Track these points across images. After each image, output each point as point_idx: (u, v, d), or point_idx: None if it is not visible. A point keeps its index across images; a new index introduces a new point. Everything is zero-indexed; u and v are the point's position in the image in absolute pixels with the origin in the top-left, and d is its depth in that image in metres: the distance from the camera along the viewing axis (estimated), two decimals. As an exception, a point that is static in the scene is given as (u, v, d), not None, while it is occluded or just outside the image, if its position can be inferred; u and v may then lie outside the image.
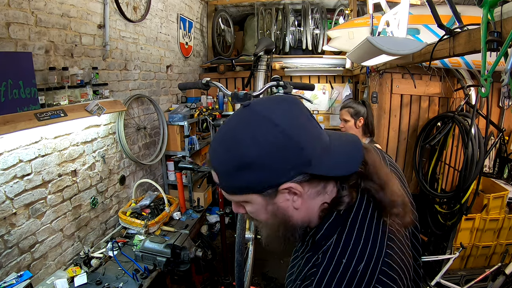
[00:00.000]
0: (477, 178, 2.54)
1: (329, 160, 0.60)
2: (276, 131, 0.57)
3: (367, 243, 0.60)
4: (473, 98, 2.90)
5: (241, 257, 1.57)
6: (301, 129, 0.58)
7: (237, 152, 0.58)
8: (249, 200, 0.64)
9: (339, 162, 0.61)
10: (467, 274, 2.85)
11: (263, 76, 2.52)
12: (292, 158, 0.57)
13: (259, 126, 0.58)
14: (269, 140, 0.56)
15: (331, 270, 0.58)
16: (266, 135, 0.57)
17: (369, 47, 1.74)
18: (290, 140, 0.57)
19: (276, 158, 0.57)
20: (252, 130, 0.58)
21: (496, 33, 1.09)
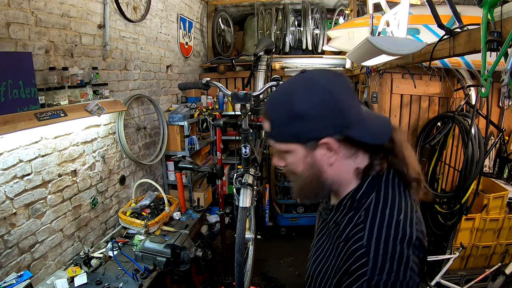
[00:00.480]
0: (477, 178, 2.54)
1: (363, 128, 0.70)
2: (325, 93, 0.68)
3: (401, 198, 0.71)
4: (473, 98, 2.90)
5: (241, 257, 1.57)
6: (345, 97, 0.70)
7: (291, 105, 0.70)
8: (292, 150, 0.74)
9: (371, 132, 0.71)
10: (467, 274, 2.85)
11: (263, 76, 2.52)
12: (334, 118, 0.69)
13: (312, 87, 0.70)
14: (319, 99, 0.68)
15: (378, 221, 0.67)
16: (316, 94, 0.69)
17: (369, 47, 1.75)
18: (335, 103, 0.68)
19: (321, 115, 0.69)
20: (306, 89, 0.70)
21: (496, 33, 1.09)
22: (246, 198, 1.69)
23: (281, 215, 4.05)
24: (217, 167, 2.58)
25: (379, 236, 0.65)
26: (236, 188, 1.76)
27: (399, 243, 0.65)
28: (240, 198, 1.70)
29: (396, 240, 0.65)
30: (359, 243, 0.66)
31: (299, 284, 3.12)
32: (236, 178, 1.80)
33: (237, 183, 1.76)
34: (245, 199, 1.69)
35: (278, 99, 0.73)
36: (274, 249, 3.71)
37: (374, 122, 0.74)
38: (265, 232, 4.04)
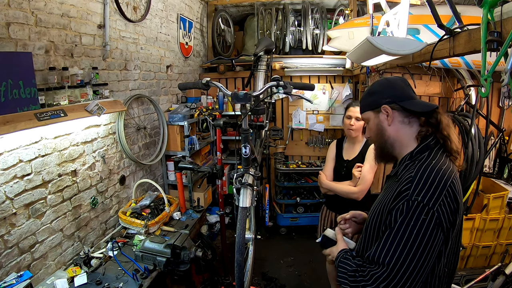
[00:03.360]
0: (477, 178, 2.54)
1: (411, 103, 1.08)
2: (386, 81, 1.19)
3: (446, 160, 1.01)
4: (473, 98, 2.90)
5: (241, 257, 1.56)
6: (399, 84, 1.14)
7: (368, 89, 1.22)
8: (368, 117, 1.17)
9: (417, 105, 1.08)
10: (467, 274, 2.84)
11: (263, 76, 2.52)
12: (390, 92, 1.11)
13: (380, 80, 1.23)
14: (382, 82, 1.19)
15: (426, 165, 0.97)
16: (381, 81, 1.20)
17: (369, 47, 1.75)
18: (391, 84, 1.15)
19: (381, 91, 1.14)
20: (377, 81, 1.24)
21: (496, 33, 1.09)
22: (246, 198, 1.69)
23: (281, 215, 4.05)
24: (217, 167, 2.57)
25: (424, 173, 0.93)
26: (236, 188, 1.75)
27: (437, 181, 0.91)
28: (240, 198, 1.69)
29: (436, 178, 0.91)
30: (408, 175, 0.96)
31: (299, 284, 3.12)
32: (236, 178, 1.80)
33: (237, 183, 1.76)
34: (245, 199, 1.69)
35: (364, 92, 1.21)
36: (274, 249, 3.71)
37: (422, 102, 1.12)
38: (265, 232, 4.04)
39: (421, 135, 1.05)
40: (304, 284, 3.10)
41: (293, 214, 4.04)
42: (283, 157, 4.27)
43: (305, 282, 3.13)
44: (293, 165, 4.07)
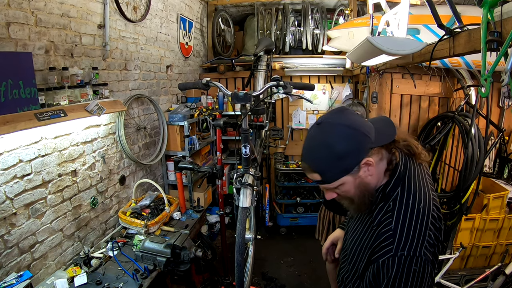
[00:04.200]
0: (477, 178, 2.54)
1: (379, 136, 0.93)
2: (350, 130, 0.90)
3: (421, 188, 0.93)
4: (473, 98, 2.90)
5: (241, 257, 1.56)
6: (360, 123, 0.91)
7: (332, 151, 0.89)
8: (343, 182, 0.92)
9: (384, 135, 0.95)
10: (467, 274, 2.85)
11: (263, 76, 2.52)
12: (364, 142, 0.90)
13: (339, 130, 0.90)
14: (349, 137, 0.89)
15: (403, 210, 0.88)
16: (345, 134, 0.90)
17: (369, 47, 1.75)
18: (359, 132, 0.90)
19: (356, 146, 0.89)
20: (336, 134, 0.90)
21: (496, 33, 1.09)
22: (246, 198, 1.69)
23: (281, 215, 4.05)
24: (217, 167, 2.57)
25: (404, 222, 0.87)
26: (236, 188, 1.75)
27: (419, 226, 0.86)
28: (240, 198, 1.70)
29: (417, 224, 0.86)
30: (388, 227, 0.88)
31: (299, 284, 3.12)
32: (236, 178, 1.80)
33: (237, 183, 1.76)
34: (245, 199, 1.69)
35: (318, 154, 0.91)
36: (274, 249, 3.71)
37: (382, 128, 0.97)
38: (265, 232, 4.04)
39: (392, 165, 0.96)
40: (304, 284, 3.11)
41: (293, 214, 4.04)
42: (283, 157, 4.27)
43: (305, 282, 3.13)
44: (293, 165, 4.07)
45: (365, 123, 0.93)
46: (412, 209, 0.88)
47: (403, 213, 0.88)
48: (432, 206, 0.89)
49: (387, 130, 0.96)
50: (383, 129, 0.96)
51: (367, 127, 0.92)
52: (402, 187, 0.92)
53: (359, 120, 0.92)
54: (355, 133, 0.89)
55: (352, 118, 0.92)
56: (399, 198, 0.91)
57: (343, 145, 0.89)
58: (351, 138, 0.89)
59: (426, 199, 0.90)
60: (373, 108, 3.18)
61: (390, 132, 0.96)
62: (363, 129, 0.90)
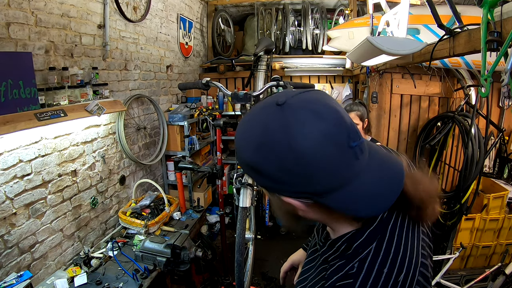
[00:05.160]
0: (477, 178, 2.54)
1: (350, 195, 0.50)
2: (291, 157, 0.48)
3: (406, 251, 0.57)
4: (473, 98, 2.90)
5: (241, 257, 1.57)
6: (320, 158, 0.47)
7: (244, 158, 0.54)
8: (269, 196, 0.62)
9: (363, 201, 0.51)
10: (467, 274, 2.84)
11: (263, 76, 2.52)
12: (299, 185, 0.50)
13: (275, 146, 0.49)
14: (280, 161, 0.49)
15: (372, 281, 0.54)
16: (280, 155, 0.49)
17: (369, 47, 1.74)
18: (301, 168, 0.48)
19: (282, 178, 0.51)
20: (270, 146, 0.49)
21: (496, 33, 1.09)
22: (246, 198, 1.69)
23: (281, 215, 4.04)
24: (217, 167, 2.58)
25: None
26: (236, 188, 1.76)
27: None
28: (240, 198, 1.70)
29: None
30: (345, 280, 0.56)
31: (299, 284, 3.11)
32: (236, 178, 1.80)
33: (237, 183, 1.76)
34: (245, 199, 1.69)
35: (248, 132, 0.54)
36: (274, 249, 3.71)
37: (374, 183, 0.52)
38: (265, 232, 4.04)
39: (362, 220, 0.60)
40: (304, 284, 3.10)
41: (293, 214, 4.04)
42: (283, 157, 4.26)
43: (305, 282, 3.12)
44: (293, 165, 4.06)
45: (336, 157, 0.49)
46: (386, 283, 0.54)
47: (370, 285, 0.54)
48: (417, 277, 0.56)
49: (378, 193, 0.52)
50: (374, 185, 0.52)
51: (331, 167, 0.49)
52: (378, 245, 0.57)
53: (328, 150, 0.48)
54: (296, 167, 0.48)
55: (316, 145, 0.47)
56: (369, 261, 0.56)
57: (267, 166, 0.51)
58: (284, 169, 0.49)
59: (410, 268, 0.56)
60: (373, 108, 3.18)
61: (378, 201, 0.52)
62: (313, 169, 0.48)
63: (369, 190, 0.51)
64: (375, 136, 3.01)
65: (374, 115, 3.19)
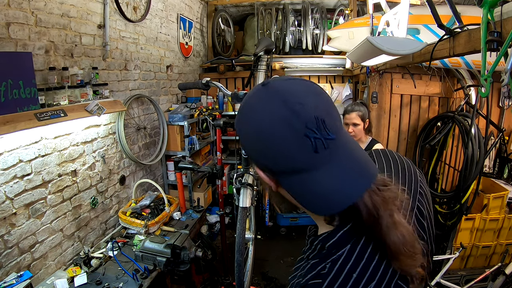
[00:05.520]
0: (477, 178, 2.54)
1: (302, 184, 0.51)
2: (252, 130, 0.52)
3: (383, 260, 0.54)
4: (473, 98, 2.90)
5: (241, 257, 1.56)
6: (275, 139, 0.50)
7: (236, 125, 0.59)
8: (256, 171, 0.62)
9: (314, 195, 0.50)
10: (467, 274, 2.85)
11: (263, 76, 2.52)
12: (261, 159, 0.53)
13: (246, 119, 0.55)
14: (247, 134, 0.54)
15: (339, 284, 0.53)
16: (247, 129, 0.54)
17: (369, 47, 1.75)
18: (260, 143, 0.51)
19: (248, 146, 0.55)
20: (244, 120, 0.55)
21: (496, 33, 1.09)
22: (246, 198, 1.69)
23: (281, 215, 4.04)
24: (217, 167, 2.57)
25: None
26: (236, 188, 1.75)
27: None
28: (240, 198, 1.70)
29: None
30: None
31: (299, 284, 3.11)
32: (236, 178, 1.80)
33: (237, 183, 1.76)
34: (245, 199, 1.69)
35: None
36: (274, 249, 3.71)
37: (333, 179, 0.49)
38: (265, 232, 4.04)
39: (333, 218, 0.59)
40: (304, 284, 3.10)
41: (293, 214, 4.04)
42: (283, 157, 4.26)
43: (305, 282, 3.12)
44: (293, 165, 4.07)
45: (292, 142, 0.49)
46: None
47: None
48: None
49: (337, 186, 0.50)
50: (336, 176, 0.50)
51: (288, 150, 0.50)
52: (352, 248, 0.56)
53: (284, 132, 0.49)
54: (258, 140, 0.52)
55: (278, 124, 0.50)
56: (340, 263, 0.55)
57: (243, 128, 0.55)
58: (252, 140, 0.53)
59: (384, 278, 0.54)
60: (373, 108, 3.18)
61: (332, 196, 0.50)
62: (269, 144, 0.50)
63: (324, 186, 0.50)
64: (375, 136, 3.01)
65: (374, 115, 3.19)
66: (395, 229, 0.53)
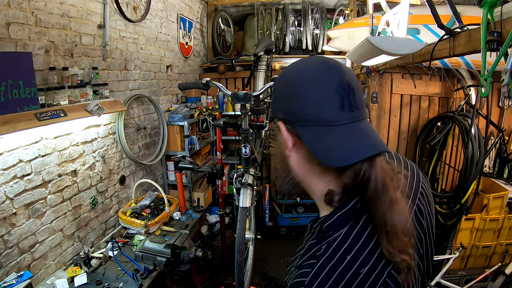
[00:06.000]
0: (477, 178, 2.54)
1: (320, 135, 0.55)
2: (287, 75, 0.62)
3: (378, 247, 0.54)
4: (473, 98, 2.90)
5: (241, 257, 1.56)
6: (314, 90, 0.56)
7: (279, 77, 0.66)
8: (278, 125, 0.65)
9: (327, 143, 0.53)
10: (467, 274, 2.84)
11: (263, 76, 2.52)
12: (284, 104, 0.60)
13: (286, 70, 0.64)
14: (282, 79, 0.64)
15: (332, 265, 0.54)
16: (284, 74, 0.64)
17: (369, 47, 1.74)
18: (292, 88, 0.59)
19: (279, 95, 0.63)
20: (288, 70, 0.64)
21: (496, 33, 1.09)
22: (246, 198, 1.69)
23: (281, 215, 4.04)
24: (217, 167, 2.57)
25: (323, 283, 0.53)
26: (236, 188, 1.75)
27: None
28: (240, 198, 1.69)
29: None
30: (302, 279, 0.55)
31: (299, 284, 3.11)
32: (236, 178, 1.80)
33: (237, 183, 1.76)
34: (245, 199, 1.69)
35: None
36: (274, 249, 3.71)
37: (349, 138, 0.54)
38: (265, 232, 4.04)
39: (332, 198, 0.59)
40: (304, 284, 3.10)
41: (293, 214, 4.04)
42: (283, 157, 4.26)
43: (305, 282, 3.12)
44: (293, 165, 4.07)
45: (312, 98, 0.55)
46: (345, 270, 0.53)
47: (329, 268, 0.53)
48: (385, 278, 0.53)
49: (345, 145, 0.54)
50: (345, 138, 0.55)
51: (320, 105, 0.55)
52: (349, 230, 0.56)
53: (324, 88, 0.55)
54: (288, 83, 0.60)
55: (307, 80, 0.57)
56: (336, 244, 0.56)
57: (278, 80, 0.65)
58: (283, 80, 0.63)
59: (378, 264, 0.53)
60: (373, 108, 3.18)
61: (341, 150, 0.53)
62: (301, 93, 0.56)
63: (340, 141, 0.54)
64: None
65: (374, 115, 3.19)
66: (396, 205, 0.54)
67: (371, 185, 0.54)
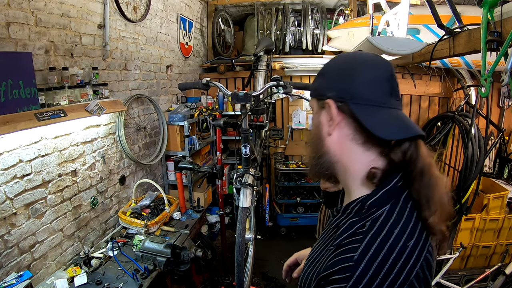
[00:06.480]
0: (477, 178, 2.55)
1: (372, 116, 0.61)
2: (348, 60, 0.69)
3: (418, 222, 0.59)
4: (473, 98, 2.90)
5: (241, 257, 1.57)
6: (368, 73, 0.64)
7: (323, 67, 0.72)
8: (313, 106, 0.72)
9: (380, 119, 0.61)
10: (467, 274, 2.85)
11: (263, 76, 2.52)
12: (341, 81, 0.65)
13: (340, 55, 0.73)
14: (339, 62, 0.70)
15: (381, 238, 0.56)
16: (341, 58, 0.71)
17: (369, 47, 1.75)
18: (350, 69, 0.65)
19: (332, 75, 0.68)
20: (342, 56, 0.73)
21: (496, 33, 1.09)
22: (246, 198, 1.69)
23: (281, 215, 4.04)
24: (217, 167, 2.58)
25: (375, 257, 0.54)
26: (236, 188, 1.76)
27: (394, 274, 0.53)
28: (240, 198, 1.70)
29: (392, 269, 0.53)
30: (350, 254, 0.56)
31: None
32: (236, 178, 1.80)
33: (237, 183, 1.76)
34: (245, 199, 1.69)
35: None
36: (274, 249, 3.71)
37: (395, 119, 0.62)
38: (265, 232, 4.04)
39: (375, 176, 0.62)
40: (304, 284, 3.10)
41: (293, 214, 4.04)
42: (283, 157, 4.27)
43: (305, 282, 3.12)
44: (293, 165, 4.07)
45: (372, 81, 0.63)
46: (395, 243, 0.55)
47: (379, 242, 0.55)
48: (424, 256, 0.56)
49: (396, 123, 0.62)
50: (395, 119, 0.63)
51: (369, 82, 0.63)
52: (392, 207, 0.60)
53: (372, 70, 0.64)
54: (347, 66, 0.66)
55: (366, 64, 0.65)
56: (382, 219, 0.58)
57: (328, 65, 0.71)
58: (339, 64, 0.69)
59: (420, 241, 0.57)
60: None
61: (394, 127, 0.61)
62: (358, 74, 0.63)
63: (392, 119, 0.62)
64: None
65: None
66: (441, 181, 0.62)
67: (419, 162, 0.60)
